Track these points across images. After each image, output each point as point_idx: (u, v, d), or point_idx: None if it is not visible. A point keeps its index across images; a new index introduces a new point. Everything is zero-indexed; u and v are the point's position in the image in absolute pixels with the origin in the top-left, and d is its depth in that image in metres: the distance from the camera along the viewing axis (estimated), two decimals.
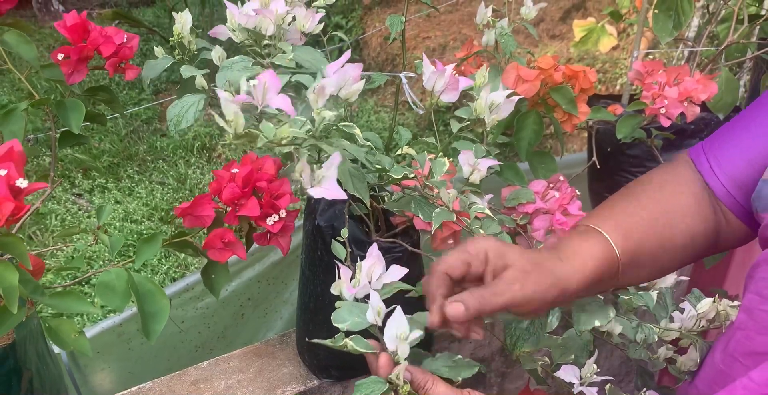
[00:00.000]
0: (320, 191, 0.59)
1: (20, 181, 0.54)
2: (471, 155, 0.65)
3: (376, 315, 0.59)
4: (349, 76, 0.62)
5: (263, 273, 1.54)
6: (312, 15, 0.74)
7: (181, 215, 0.63)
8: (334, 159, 0.59)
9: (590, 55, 4.15)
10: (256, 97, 0.57)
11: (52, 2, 5.88)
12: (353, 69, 0.63)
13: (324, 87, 0.59)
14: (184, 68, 0.75)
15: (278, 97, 0.57)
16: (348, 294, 0.62)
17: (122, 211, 3.23)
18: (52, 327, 0.64)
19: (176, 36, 0.75)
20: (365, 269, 0.61)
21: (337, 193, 0.59)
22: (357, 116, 4.25)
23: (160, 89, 4.63)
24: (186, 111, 0.74)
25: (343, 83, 0.62)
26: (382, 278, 0.62)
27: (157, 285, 0.65)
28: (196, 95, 0.75)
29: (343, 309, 0.62)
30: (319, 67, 0.72)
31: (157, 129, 4.16)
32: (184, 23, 0.74)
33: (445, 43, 4.71)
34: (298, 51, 0.73)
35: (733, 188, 0.68)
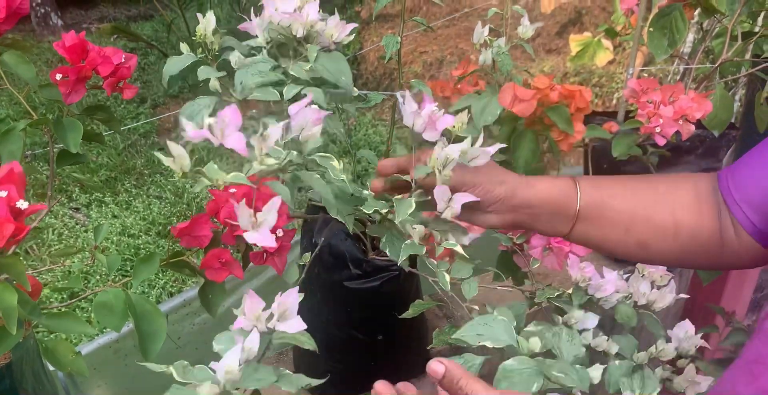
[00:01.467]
0: (254, 236, 0.57)
1: (21, 202, 0.54)
2: (446, 190, 0.64)
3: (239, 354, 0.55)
4: (308, 119, 0.61)
5: (260, 288, 1.54)
6: (343, 26, 0.73)
7: (179, 235, 0.63)
8: (274, 203, 0.57)
9: (587, 70, 4.18)
10: (215, 133, 0.57)
11: (50, 17, 5.90)
12: (313, 113, 0.61)
13: (269, 136, 0.57)
14: (201, 69, 0.74)
15: (234, 136, 0.56)
16: (241, 324, 0.58)
17: (119, 225, 3.22)
18: (49, 347, 0.64)
19: (199, 36, 0.74)
20: (275, 308, 0.58)
21: (269, 240, 0.57)
22: (355, 130, 4.26)
23: (158, 103, 4.65)
24: (198, 112, 0.74)
25: (304, 125, 0.61)
26: (276, 324, 0.58)
27: (155, 305, 0.65)
28: (210, 98, 0.75)
29: (226, 337, 0.59)
30: (340, 78, 0.71)
31: (155, 143, 4.17)
32: (207, 24, 0.74)
33: (442, 57, 4.74)
34: (323, 58, 0.72)
35: (747, 208, 0.68)
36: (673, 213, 0.70)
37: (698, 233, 0.70)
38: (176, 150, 0.56)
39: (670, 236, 0.70)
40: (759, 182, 0.67)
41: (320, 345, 1.14)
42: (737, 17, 1.21)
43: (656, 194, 0.71)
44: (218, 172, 0.56)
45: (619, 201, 0.70)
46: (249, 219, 0.58)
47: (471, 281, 0.77)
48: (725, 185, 0.70)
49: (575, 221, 0.69)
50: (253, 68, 0.69)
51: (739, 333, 1.14)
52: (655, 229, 0.70)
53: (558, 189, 0.68)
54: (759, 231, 0.68)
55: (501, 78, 0.99)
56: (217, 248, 0.65)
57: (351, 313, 1.07)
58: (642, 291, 0.87)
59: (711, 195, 0.71)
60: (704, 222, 0.70)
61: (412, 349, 1.15)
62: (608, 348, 0.81)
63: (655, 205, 0.70)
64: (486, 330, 0.65)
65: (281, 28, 0.70)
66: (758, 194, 0.67)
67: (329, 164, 0.62)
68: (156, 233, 3.20)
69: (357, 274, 1.02)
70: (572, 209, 0.69)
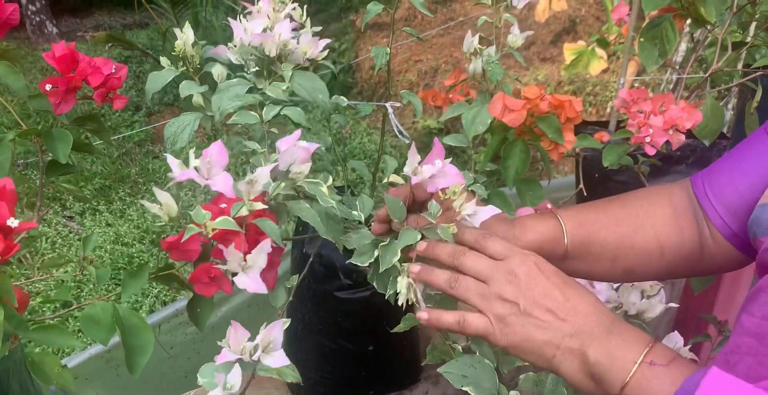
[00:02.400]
0: (244, 281, 0.57)
1: (11, 220, 0.54)
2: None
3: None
4: (296, 157, 0.61)
5: (253, 298, 1.54)
6: (315, 42, 0.74)
7: (168, 248, 0.63)
8: (263, 246, 0.57)
9: (581, 78, 4.19)
10: (202, 172, 0.56)
11: (46, 24, 5.90)
12: (302, 151, 0.61)
13: (256, 181, 0.57)
14: (183, 85, 0.74)
15: (220, 178, 0.56)
16: (228, 356, 0.58)
17: (113, 234, 3.21)
18: (35, 361, 0.63)
19: (178, 50, 0.74)
20: (259, 340, 0.58)
21: (259, 287, 0.57)
22: (350, 138, 4.27)
23: (153, 111, 4.64)
24: (182, 131, 0.74)
25: (292, 162, 0.61)
26: (261, 356, 0.58)
27: (142, 318, 0.65)
28: (193, 114, 0.75)
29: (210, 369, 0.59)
30: (317, 96, 0.71)
31: (150, 151, 4.16)
32: (186, 39, 0.74)
33: (436, 65, 4.75)
34: (299, 77, 0.72)
35: (725, 213, 0.70)
36: (656, 236, 0.72)
37: (681, 249, 0.72)
38: (163, 197, 0.56)
39: (656, 258, 0.72)
40: (736, 186, 0.69)
41: (311, 355, 1.13)
42: (727, 27, 1.22)
43: (637, 219, 0.72)
44: (206, 216, 0.56)
45: (604, 235, 0.71)
46: (239, 262, 0.58)
47: None
48: (702, 190, 0.72)
49: (563, 260, 0.71)
50: (230, 92, 0.69)
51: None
52: (641, 255, 0.72)
53: (545, 236, 0.70)
54: (735, 235, 0.70)
55: (491, 87, 0.99)
56: (206, 263, 0.64)
57: (341, 323, 1.07)
58: (632, 301, 0.87)
59: (687, 206, 0.72)
60: (685, 238, 0.72)
61: (403, 359, 1.15)
62: None
63: (637, 232, 0.72)
64: (471, 373, 0.66)
65: (253, 49, 0.70)
66: (735, 198, 0.69)
67: (318, 190, 0.62)
68: (150, 241, 3.19)
69: (348, 284, 1.01)
70: (560, 251, 0.71)
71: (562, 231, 0.71)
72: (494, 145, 1.03)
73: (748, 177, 0.68)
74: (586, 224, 0.71)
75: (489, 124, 0.97)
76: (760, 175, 0.67)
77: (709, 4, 1.16)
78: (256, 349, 0.57)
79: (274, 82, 0.71)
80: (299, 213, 0.61)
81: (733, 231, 0.70)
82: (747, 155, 0.70)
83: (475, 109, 0.98)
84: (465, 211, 0.65)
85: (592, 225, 0.72)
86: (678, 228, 0.72)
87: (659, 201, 0.73)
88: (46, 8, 5.89)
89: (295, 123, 0.71)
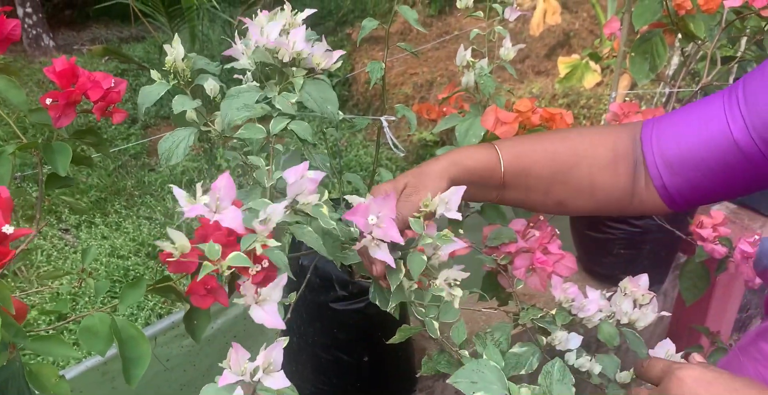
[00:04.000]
0: (260, 315, 0.57)
1: (6, 227, 0.55)
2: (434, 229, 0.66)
3: None
4: (305, 187, 0.61)
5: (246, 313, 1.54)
6: (329, 54, 0.72)
7: (166, 261, 0.64)
8: (279, 281, 0.57)
9: (575, 91, 4.22)
10: (211, 206, 0.55)
11: (42, 38, 5.92)
12: (310, 183, 0.61)
13: (269, 220, 0.57)
14: (176, 100, 0.73)
15: (229, 213, 0.55)
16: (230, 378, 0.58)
17: (109, 247, 3.21)
18: (33, 371, 0.64)
19: (169, 65, 0.74)
20: (260, 361, 0.58)
21: (276, 322, 0.57)
22: (346, 150, 4.28)
23: (149, 124, 4.66)
24: (177, 146, 0.74)
25: (300, 192, 0.61)
26: (261, 377, 0.58)
27: (139, 330, 0.65)
28: (187, 129, 0.75)
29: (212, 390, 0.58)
30: (326, 107, 0.71)
31: (146, 164, 4.17)
32: (176, 53, 0.73)
33: (432, 78, 4.78)
34: (309, 86, 0.71)
35: (661, 164, 0.74)
36: (590, 175, 0.75)
37: (613, 191, 0.76)
38: (176, 237, 0.56)
39: (586, 195, 0.77)
40: (678, 142, 0.73)
41: (306, 366, 1.14)
42: (717, 42, 1.24)
43: (574, 157, 0.75)
44: (218, 252, 0.55)
45: (538, 170, 0.75)
46: (253, 296, 0.58)
47: (460, 325, 0.78)
48: (648, 137, 0.75)
49: (501, 189, 0.76)
50: (239, 99, 0.69)
51: (721, 352, 1.15)
52: (573, 191, 0.76)
53: (482, 164, 0.74)
54: (664, 186, 0.74)
55: (484, 99, 1.01)
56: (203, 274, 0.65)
57: (337, 335, 1.07)
58: (624, 310, 0.88)
59: (630, 151, 0.76)
60: (619, 181, 0.76)
61: (399, 371, 1.15)
62: (591, 368, 0.82)
63: (572, 169, 0.75)
64: (479, 377, 0.66)
65: (267, 52, 0.70)
66: (675, 153, 0.73)
67: (320, 212, 0.62)
68: (146, 254, 3.19)
69: (343, 296, 1.02)
70: (497, 180, 0.75)
71: (499, 163, 0.74)
72: None
73: (691, 138, 0.72)
74: (522, 156, 0.75)
75: (482, 136, 0.98)
76: (702, 141, 0.71)
77: (698, 19, 1.18)
78: (256, 371, 0.58)
79: (283, 91, 0.71)
80: (302, 237, 0.61)
81: (664, 182, 0.74)
82: (698, 116, 0.73)
83: (468, 122, 1.00)
84: (439, 209, 0.66)
85: (529, 158, 0.75)
86: (614, 172, 0.75)
87: (602, 142, 0.76)
88: (43, 21, 5.91)
89: (301, 139, 0.70)
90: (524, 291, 0.94)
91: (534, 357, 0.81)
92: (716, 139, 0.70)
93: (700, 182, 0.73)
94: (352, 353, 1.08)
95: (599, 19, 3.80)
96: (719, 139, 0.70)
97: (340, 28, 5.80)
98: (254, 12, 0.76)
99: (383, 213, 0.63)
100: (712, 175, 0.72)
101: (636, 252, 1.44)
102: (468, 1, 1.00)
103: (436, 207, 0.66)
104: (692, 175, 0.72)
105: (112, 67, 5.16)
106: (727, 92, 0.72)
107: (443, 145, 4.28)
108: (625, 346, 0.87)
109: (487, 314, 1.36)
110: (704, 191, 0.74)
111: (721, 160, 0.70)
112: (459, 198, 0.67)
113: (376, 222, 0.63)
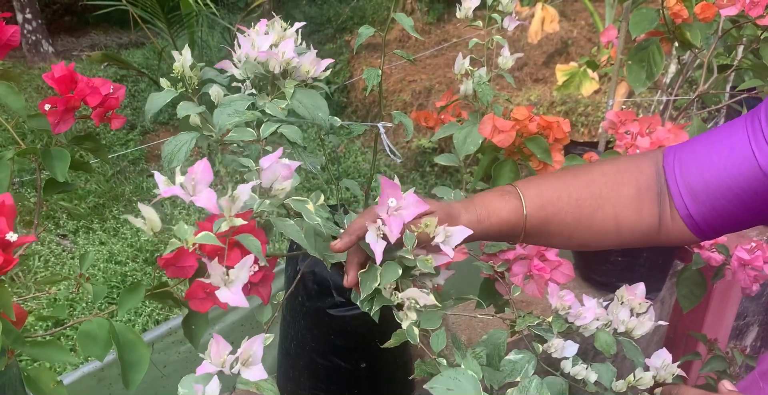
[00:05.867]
0: (226, 295, 0.58)
1: (10, 234, 0.55)
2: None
3: None
4: (278, 174, 0.62)
5: (246, 317, 1.54)
6: (318, 62, 0.74)
7: (164, 266, 0.64)
8: (246, 261, 0.58)
9: (573, 99, 4.23)
10: (187, 189, 0.57)
11: (42, 43, 5.93)
12: (284, 168, 0.63)
13: (237, 197, 0.58)
14: (181, 105, 0.75)
15: (204, 194, 0.57)
16: (208, 367, 0.58)
17: (107, 252, 3.21)
18: (31, 376, 0.64)
19: (177, 72, 0.75)
20: (239, 353, 0.59)
21: (240, 301, 0.58)
22: (344, 157, 4.29)
23: (148, 130, 4.66)
24: (179, 150, 0.75)
25: (274, 179, 0.62)
26: (240, 369, 0.59)
27: (138, 334, 0.65)
28: (190, 134, 0.76)
29: (190, 380, 0.59)
30: (317, 114, 0.72)
31: (144, 169, 4.17)
32: (184, 61, 0.75)
33: (430, 86, 4.79)
34: (300, 94, 0.73)
35: (686, 194, 0.73)
36: (615, 216, 0.75)
37: (638, 226, 0.75)
38: (147, 212, 0.58)
39: (612, 235, 0.76)
40: (701, 171, 0.72)
41: (303, 372, 1.14)
42: (713, 51, 1.24)
43: (599, 200, 0.75)
44: (188, 232, 0.57)
45: (563, 216, 0.74)
46: (221, 277, 0.59)
47: (440, 333, 0.78)
48: (671, 166, 0.74)
49: (518, 238, 0.76)
50: (230, 107, 0.70)
51: (719, 360, 1.15)
52: (597, 233, 0.76)
53: (506, 221, 0.73)
54: (690, 216, 0.73)
55: (482, 107, 1.01)
56: (201, 279, 0.65)
57: (334, 341, 1.07)
58: (621, 318, 0.88)
59: (653, 184, 0.75)
60: (644, 217, 0.75)
61: (395, 377, 1.15)
62: (587, 376, 0.82)
63: (596, 212, 0.75)
64: (455, 385, 0.66)
65: (258, 64, 0.72)
66: (699, 183, 0.72)
67: (304, 208, 0.63)
68: (143, 260, 3.19)
69: (340, 302, 1.02)
70: (518, 232, 0.74)
71: (523, 216, 0.73)
72: (485, 165, 1.05)
73: (714, 168, 0.71)
74: (547, 206, 0.74)
75: (480, 144, 0.99)
76: (727, 170, 0.70)
77: (694, 28, 1.19)
78: (236, 362, 0.58)
79: (275, 99, 0.72)
80: (283, 229, 0.63)
81: (690, 212, 0.73)
82: (721, 145, 0.72)
83: (466, 130, 1.00)
84: (438, 238, 0.66)
85: (554, 206, 0.74)
86: (638, 210, 0.75)
87: (625, 180, 0.75)
88: (42, 27, 5.93)
89: (291, 142, 0.72)
90: (521, 299, 0.95)
91: (530, 364, 0.81)
92: (741, 167, 0.69)
93: (727, 211, 0.71)
94: (349, 359, 1.08)
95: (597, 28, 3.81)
96: (745, 167, 0.69)
97: (339, 35, 5.82)
98: (253, 19, 0.77)
99: (404, 211, 0.64)
100: (739, 203, 0.70)
101: (633, 260, 1.45)
102: (468, 11, 1.00)
103: (436, 235, 0.67)
104: (718, 203, 0.71)
105: (111, 73, 5.17)
106: (749, 118, 0.71)
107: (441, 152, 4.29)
108: (622, 354, 0.87)
109: (484, 321, 1.36)
110: (731, 219, 0.72)
111: (747, 188, 0.69)
112: (461, 239, 0.68)
113: (394, 206, 0.63)
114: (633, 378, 0.83)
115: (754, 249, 1.11)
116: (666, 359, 0.83)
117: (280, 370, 1.11)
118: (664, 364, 0.83)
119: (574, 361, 0.82)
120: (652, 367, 0.85)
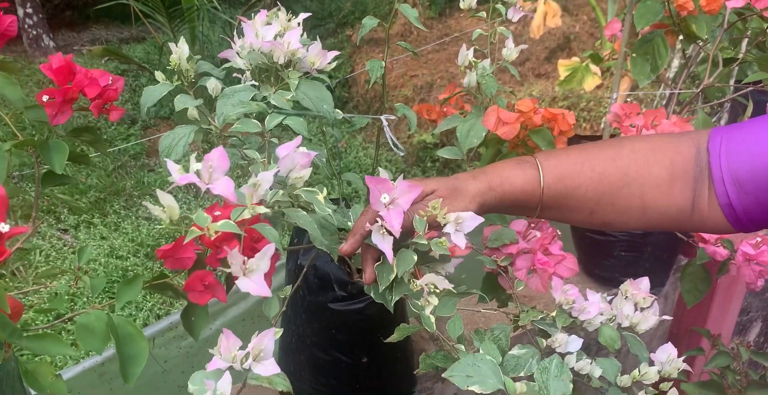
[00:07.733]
0: (247, 284, 0.57)
1: (2, 225, 0.54)
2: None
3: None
4: (296, 162, 0.62)
5: (248, 311, 1.53)
6: (324, 53, 0.73)
7: (163, 257, 0.63)
8: (268, 250, 0.57)
9: (575, 94, 4.22)
10: (203, 177, 0.56)
11: (42, 38, 5.92)
12: (302, 157, 0.62)
13: (260, 185, 0.57)
14: (178, 98, 0.74)
15: (221, 182, 0.56)
16: (218, 363, 0.58)
17: (108, 247, 3.20)
18: (29, 370, 0.63)
19: (174, 64, 0.74)
20: (250, 348, 0.58)
21: (263, 290, 0.57)
22: (345, 152, 4.28)
23: (148, 124, 4.65)
24: (177, 143, 0.74)
25: (292, 168, 0.61)
26: (251, 364, 0.58)
27: (137, 327, 0.65)
28: (188, 127, 0.75)
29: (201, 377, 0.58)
30: (321, 106, 0.71)
31: (145, 164, 4.16)
32: (181, 53, 0.74)
33: (432, 81, 4.78)
34: (304, 86, 0.72)
35: (729, 181, 0.68)
36: (641, 196, 0.70)
37: (667, 209, 0.71)
38: (166, 199, 0.56)
39: (637, 215, 0.71)
40: (752, 159, 0.66)
41: (305, 367, 1.13)
42: (718, 44, 1.23)
43: (626, 177, 0.70)
44: (208, 220, 0.56)
45: (584, 190, 0.70)
46: (240, 266, 0.58)
47: (456, 319, 0.77)
48: (717, 149, 0.69)
49: (538, 211, 0.72)
50: (234, 98, 0.69)
51: (724, 356, 1.15)
52: (621, 212, 0.71)
53: (521, 190, 0.70)
54: (730, 205, 0.68)
55: (486, 100, 1.00)
56: (200, 270, 0.65)
57: (335, 335, 1.06)
58: (625, 313, 0.88)
59: (690, 166, 0.70)
60: (674, 200, 0.70)
61: (397, 371, 1.15)
62: (591, 371, 0.81)
63: (621, 190, 0.70)
64: (474, 371, 0.65)
65: (262, 55, 0.70)
66: (747, 172, 0.67)
67: (314, 199, 0.62)
68: (144, 255, 3.18)
69: (342, 296, 1.02)
70: (534, 203, 0.71)
71: (540, 185, 0.70)
72: (488, 158, 1.04)
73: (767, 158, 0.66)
74: (566, 178, 0.70)
75: (483, 136, 0.98)
76: None
77: (699, 20, 1.17)
78: (247, 358, 0.57)
79: (279, 90, 0.71)
80: (297, 220, 0.62)
81: (730, 200, 0.68)
82: None
83: (470, 122, 0.99)
84: (448, 227, 0.65)
85: (573, 180, 0.70)
86: (668, 192, 0.70)
87: (657, 160, 0.70)
88: (43, 22, 5.91)
89: (296, 133, 0.71)
90: (524, 293, 0.94)
91: (533, 359, 0.80)
92: None
93: None
94: (350, 354, 1.08)
95: (599, 22, 3.80)
96: None
97: (341, 29, 5.80)
98: (255, 13, 0.76)
99: (399, 200, 0.63)
100: None
101: (637, 255, 1.44)
102: (471, 2, 0.99)
103: (447, 223, 0.66)
104: (764, 195, 0.66)
105: (112, 68, 5.16)
106: None
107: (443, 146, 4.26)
108: (625, 349, 0.87)
109: (487, 315, 1.35)
110: None
111: None
112: (473, 226, 0.66)
113: (387, 201, 0.62)
114: (638, 373, 0.82)
115: (759, 244, 1.10)
116: (671, 353, 0.82)
117: (280, 364, 1.10)
118: (670, 359, 0.83)
119: (579, 356, 0.82)
120: (657, 362, 0.84)
